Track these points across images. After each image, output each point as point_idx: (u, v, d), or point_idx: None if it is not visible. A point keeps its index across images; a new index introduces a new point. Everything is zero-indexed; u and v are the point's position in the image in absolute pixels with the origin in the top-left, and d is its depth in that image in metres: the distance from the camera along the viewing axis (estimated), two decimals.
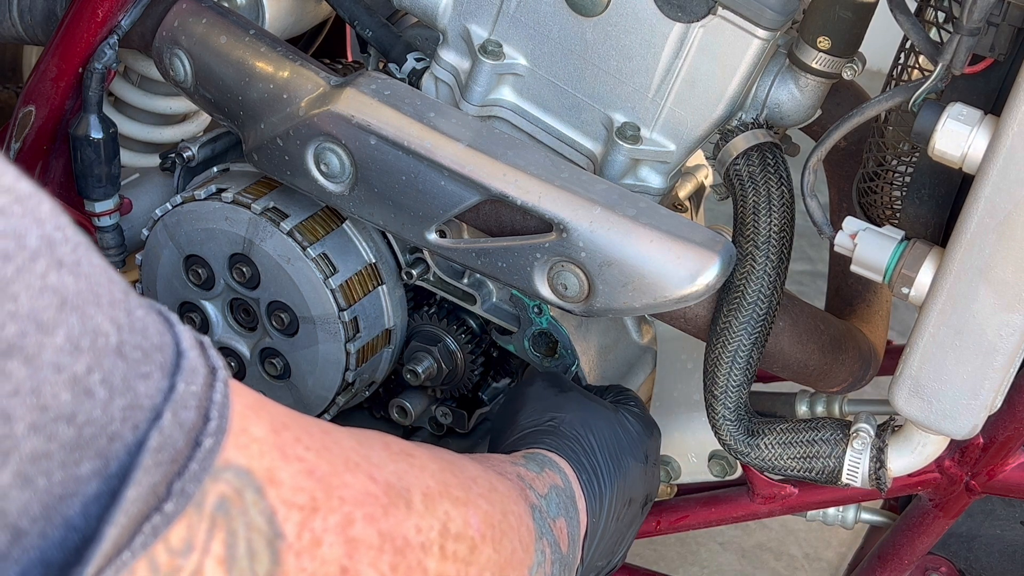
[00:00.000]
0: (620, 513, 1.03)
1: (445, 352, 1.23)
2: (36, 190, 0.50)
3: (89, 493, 0.51)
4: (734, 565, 1.94)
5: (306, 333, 1.18)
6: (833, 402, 1.18)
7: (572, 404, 1.06)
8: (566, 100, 1.10)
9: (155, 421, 0.53)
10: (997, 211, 0.90)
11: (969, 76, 0.94)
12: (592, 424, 1.04)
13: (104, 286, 0.52)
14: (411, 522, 0.69)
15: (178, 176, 1.27)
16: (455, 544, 0.73)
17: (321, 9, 1.31)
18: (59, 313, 0.49)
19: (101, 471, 0.52)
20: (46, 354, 0.49)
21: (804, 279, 2.47)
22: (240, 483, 0.58)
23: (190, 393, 0.55)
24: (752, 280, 1.03)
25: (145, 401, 0.53)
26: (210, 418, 0.56)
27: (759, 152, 1.06)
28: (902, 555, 1.22)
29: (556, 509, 0.93)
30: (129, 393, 0.53)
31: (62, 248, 0.50)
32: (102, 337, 0.51)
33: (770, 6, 1.00)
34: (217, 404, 0.56)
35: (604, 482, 1.01)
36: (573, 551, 0.95)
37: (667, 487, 1.25)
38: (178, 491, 0.55)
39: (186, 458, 0.55)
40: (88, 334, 0.51)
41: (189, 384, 0.55)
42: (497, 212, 1.06)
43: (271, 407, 0.63)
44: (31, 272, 0.48)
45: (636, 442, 1.06)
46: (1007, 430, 1.11)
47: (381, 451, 0.71)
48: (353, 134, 1.07)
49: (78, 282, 0.51)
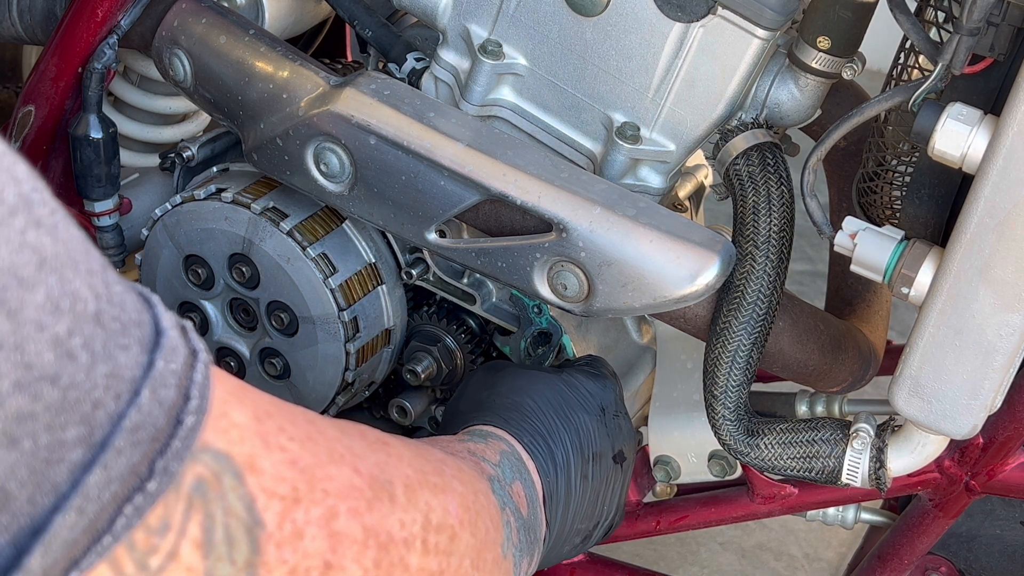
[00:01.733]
0: (585, 470, 1.02)
1: (445, 352, 1.23)
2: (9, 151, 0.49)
3: (75, 460, 0.50)
4: (734, 565, 1.94)
5: (306, 333, 1.18)
6: (833, 402, 1.18)
7: (506, 377, 1.06)
8: (566, 100, 1.10)
9: (133, 399, 0.52)
10: (997, 211, 0.90)
11: (969, 76, 0.94)
12: (528, 389, 1.03)
13: (81, 253, 0.51)
14: (395, 516, 0.69)
15: (178, 176, 1.27)
16: (436, 536, 0.73)
17: (321, 9, 1.31)
18: (38, 272, 0.48)
19: (86, 438, 0.51)
20: (28, 311, 0.48)
21: (804, 279, 2.47)
22: (219, 467, 0.57)
23: (169, 371, 0.54)
24: (752, 280, 1.03)
25: (125, 372, 0.52)
26: (190, 397, 0.55)
27: (759, 152, 1.06)
28: (902, 555, 1.22)
29: (511, 474, 0.93)
30: (110, 361, 0.51)
31: (40, 209, 0.49)
32: (81, 302, 0.50)
33: (770, 6, 1.00)
34: (198, 384, 0.55)
35: (552, 440, 1.00)
36: (533, 513, 0.95)
37: (667, 487, 1.25)
38: (161, 469, 0.53)
39: (167, 436, 0.54)
40: (67, 296, 0.50)
41: (169, 362, 0.54)
42: (497, 212, 1.06)
43: (254, 395, 0.62)
44: (9, 227, 0.47)
45: (586, 397, 1.06)
46: (1007, 430, 1.11)
47: (360, 441, 0.71)
48: (353, 134, 1.07)
49: (56, 244, 0.49)
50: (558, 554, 1.03)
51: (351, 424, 0.73)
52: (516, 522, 0.90)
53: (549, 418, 1.01)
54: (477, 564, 0.78)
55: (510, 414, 1.01)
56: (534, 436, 1.00)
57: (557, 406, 1.03)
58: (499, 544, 0.84)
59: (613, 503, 1.07)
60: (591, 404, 1.05)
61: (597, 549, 1.32)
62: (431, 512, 0.73)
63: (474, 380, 1.08)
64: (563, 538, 1.02)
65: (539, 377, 1.06)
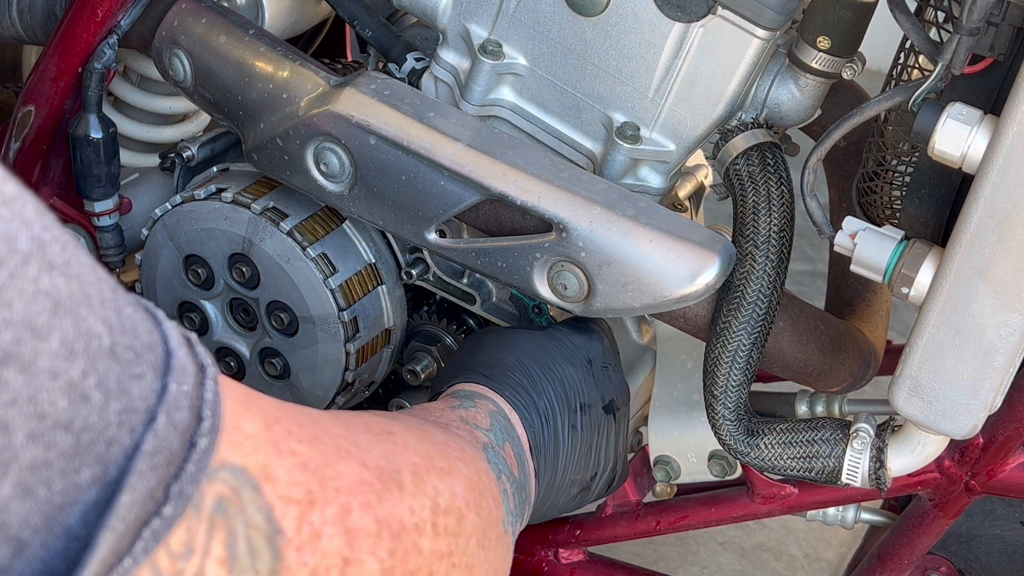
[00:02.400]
0: (573, 420, 1.03)
1: (445, 352, 1.23)
2: (21, 191, 0.49)
3: (89, 500, 0.51)
4: (734, 565, 1.94)
5: (306, 333, 1.18)
6: (833, 402, 1.18)
7: (490, 337, 1.07)
8: (566, 100, 1.10)
9: (150, 424, 0.53)
10: (997, 211, 0.90)
11: (969, 76, 0.94)
12: (510, 345, 1.05)
13: (94, 285, 0.52)
14: (404, 504, 0.70)
15: (178, 176, 1.27)
16: (445, 519, 0.74)
17: (321, 9, 1.31)
18: (53, 317, 0.49)
19: (100, 477, 0.51)
20: (42, 360, 0.49)
21: (804, 279, 2.47)
22: (236, 482, 0.58)
23: (182, 393, 0.55)
24: (752, 280, 1.03)
25: (139, 403, 0.53)
26: (203, 417, 0.56)
27: (759, 152, 1.06)
28: (902, 555, 1.22)
29: (501, 436, 0.95)
30: (124, 396, 0.52)
31: (52, 249, 0.50)
32: (95, 339, 0.51)
33: (770, 6, 1.00)
34: (209, 403, 0.56)
35: (535, 392, 1.01)
36: (523, 470, 0.96)
37: (667, 487, 1.25)
38: (176, 493, 0.54)
39: (182, 459, 0.55)
40: (82, 337, 0.50)
41: (181, 384, 0.55)
42: (497, 212, 1.06)
43: (260, 401, 0.63)
44: (24, 277, 0.48)
45: (571, 349, 1.06)
46: (1007, 430, 1.11)
47: (365, 434, 0.72)
48: (353, 134, 1.07)
49: (70, 284, 0.50)
50: (553, 505, 1.04)
51: (354, 416, 0.74)
52: (511, 487, 0.91)
53: (532, 371, 1.02)
54: (482, 543, 0.80)
55: (492, 370, 1.02)
56: (516, 389, 1.01)
57: (540, 359, 1.04)
58: (500, 521, 0.86)
59: (610, 453, 1.08)
60: (576, 356, 1.06)
61: (597, 549, 1.32)
62: (439, 496, 0.74)
63: (463, 345, 1.10)
64: (556, 489, 1.03)
65: (522, 334, 1.07)
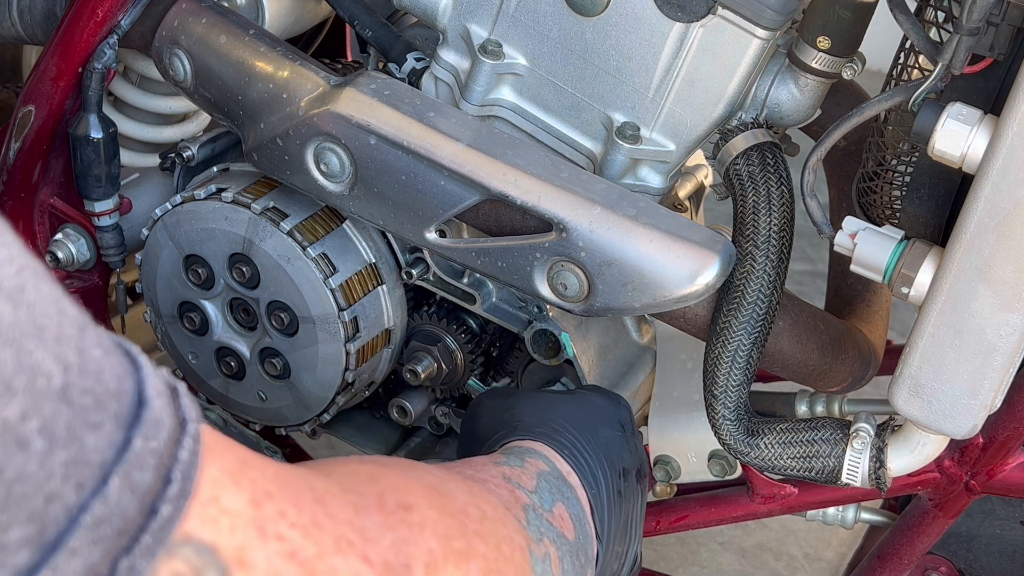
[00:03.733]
0: (618, 486, 0.97)
1: (445, 352, 1.23)
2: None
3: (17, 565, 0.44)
4: (734, 565, 1.94)
5: (306, 333, 1.18)
6: (833, 402, 1.18)
7: (524, 398, 1.02)
8: (566, 100, 1.10)
9: (101, 484, 0.46)
10: (997, 211, 0.90)
11: (969, 76, 0.94)
12: (553, 406, 1.00)
13: (51, 318, 0.46)
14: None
15: (178, 176, 1.27)
16: None
17: (321, 9, 1.31)
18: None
19: (34, 538, 0.44)
20: None
21: (804, 279, 2.47)
22: (200, 561, 0.50)
23: (148, 450, 0.48)
24: (752, 280, 1.04)
25: (93, 456, 0.46)
26: (171, 480, 0.48)
27: (759, 152, 1.06)
28: (902, 555, 1.22)
29: (550, 497, 0.88)
30: (73, 444, 0.45)
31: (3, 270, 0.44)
32: (42, 377, 0.45)
33: (770, 6, 1.00)
34: (182, 464, 0.49)
35: (587, 454, 0.96)
36: (582, 531, 0.90)
37: (667, 487, 1.25)
38: (125, 569, 0.47)
39: (137, 528, 0.47)
40: (24, 372, 0.44)
41: (148, 440, 0.48)
42: (497, 212, 1.06)
43: (257, 471, 0.55)
44: None
45: (605, 412, 1.02)
46: (1007, 430, 1.11)
47: (377, 515, 0.63)
48: (353, 134, 1.07)
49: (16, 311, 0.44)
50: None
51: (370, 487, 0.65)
52: (559, 550, 0.84)
53: (579, 434, 0.97)
54: None
55: (544, 428, 0.96)
56: (571, 450, 0.95)
57: (582, 422, 0.98)
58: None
59: (640, 527, 1.02)
60: (611, 420, 1.02)
61: None
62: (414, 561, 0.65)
63: (485, 406, 1.03)
64: (606, 560, 0.96)
65: (558, 397, 1.02)
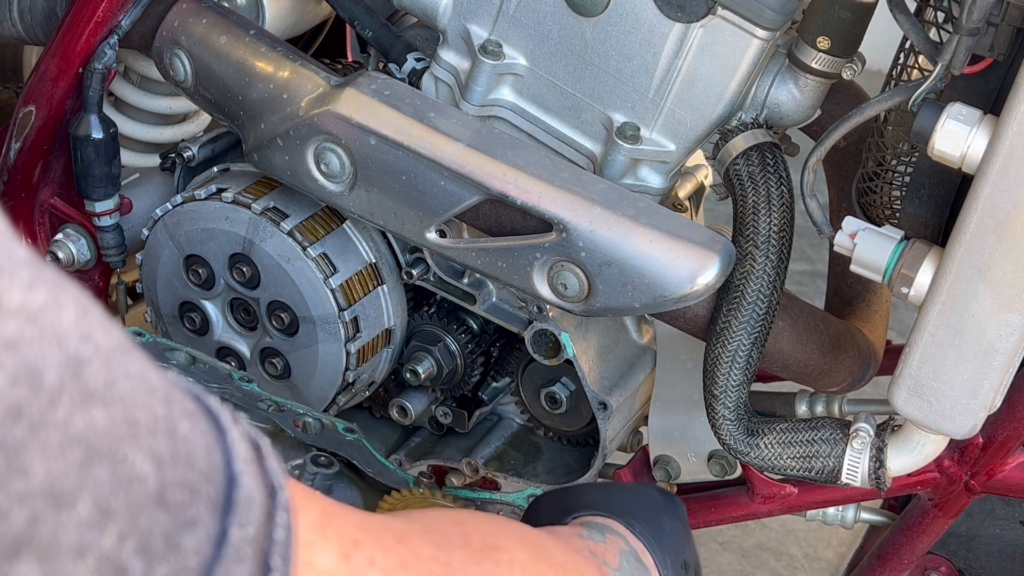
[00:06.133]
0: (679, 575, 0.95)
1: (445, 352, 1.23)
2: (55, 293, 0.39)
3: None
4: (734, 565, 1.94)
5: (306, 333, 1.18)
6: (833, 402, 1.18)
7: (588, 486, 1.00)
8: (566, 100, 1.10)
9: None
10: (996, 211, 0.90)
11: (968, 76, 0.94)
12: (617, 492, 0.98)
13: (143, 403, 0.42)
14: None
15: (178, 176, 1.27)
16: None
17: (321, 9, 1.31)
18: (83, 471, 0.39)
19: None
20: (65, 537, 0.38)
21: (804, 279, 2.47)
22: None
23: (246, 539, 0.44)
24: (752, 280, 1.04)
25: (191, 560, 0.42)
26: (271, 568, 0.45)
27: (759, 152, 1.06)
28: (902, 555, 1.22)
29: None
30: (172, 555, 0.42)
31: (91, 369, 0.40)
32: (137, 485, 0.41)
33: (770, 6, 1.00)
34: (279, 545, 0.45)
35: (657, 542, 0.94)
36: None
37: (667, 487, 1.25)
38: None
39: None
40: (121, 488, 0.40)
41: (244, 526, 0.44)
42: (497, 212, 1.06)
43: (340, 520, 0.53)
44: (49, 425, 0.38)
45: (666, 505, 0.99)
46: (1006, 430, 1.11)
47: (462, 552, 0.61)
48: (353, 134, 1.07)
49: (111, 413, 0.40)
50: None
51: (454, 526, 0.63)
52: None
53: (648, 521, 0.95)
54: None
55: (614, 508, 0.94)
56: (643, 531, 0.93)
57: (649, 511, 0.96)
58: None
59: None
60: (672, 512, 0.99)
61: None
62: None
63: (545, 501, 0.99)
64: None
65: (621, 487, 1.00)
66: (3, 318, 0.37)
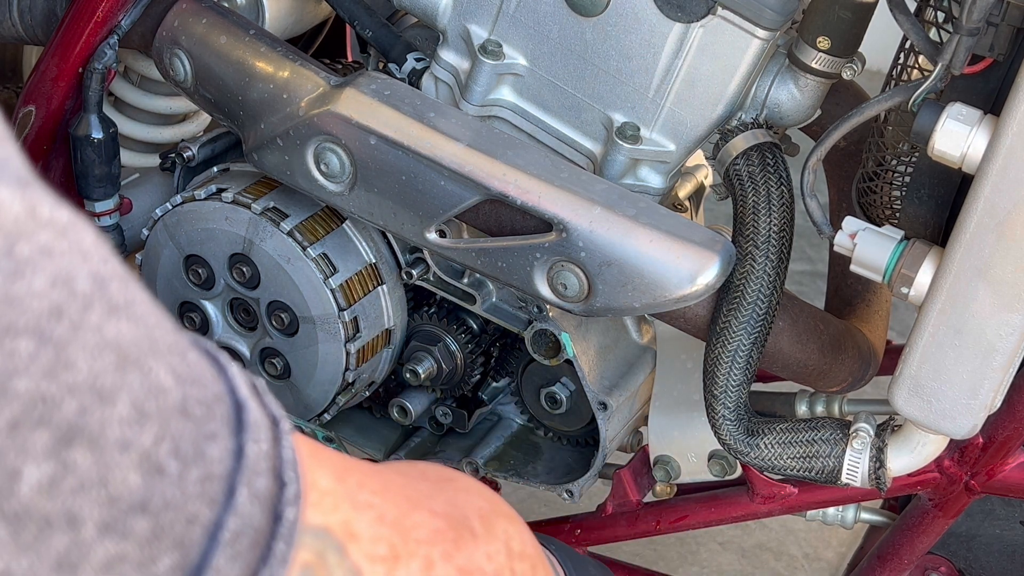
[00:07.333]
0: None
1: (445, 352, 1.23)
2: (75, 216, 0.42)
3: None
4: (734, 565, 1.94)
5: (306, 333, 1.18)
6: (833, 402, 1.18)
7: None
8: (566, 100, 1.10)
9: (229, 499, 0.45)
10: (997, 211, 0.90)
11: (969, 76, 0.94)
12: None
13: (159, 327, 0.44)
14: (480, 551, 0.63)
15: (178, 176, 1.27)
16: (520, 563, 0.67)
17: (321, 9, 1.31)
18: (119, 374, 0.42)
19: (180, 564, 0.43)
20: (111, 430, 0.41)
21: (804, 279, 2.47)
22: (321, 545, 0.51)
23: (261, 455, 0.47)
24: (752, 280, 1.04)
25: (217, 468, 0.45)
26: (286, 482, 0.47)
27: (759, 152, 1.06)
28: (902, 555, 1.22)
29: None
30: (201, 461, 0.44)
31: (113, 286, 0.42)
32: (164, 395, 0.43)
33: (770, 6, 1.00)
34: (289, 463, 0.48)
35: None
36: None
37: (667, 487, 1.25)
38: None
39: (268, 537, 0.46)
40: (152, 394, 0.43)
41: (258, 443, 0.47)
42: (497, 212, 1.06)
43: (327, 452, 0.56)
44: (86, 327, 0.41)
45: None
46: (1006, 430, 1.11)
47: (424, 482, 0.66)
48: (353, 134, 1.07)
49: (135, 328, 0.43)
50: None
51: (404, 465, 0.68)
52: None
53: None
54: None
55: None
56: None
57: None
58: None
59: None
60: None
61: (597, 549, 1.32)
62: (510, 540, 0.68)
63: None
64: None
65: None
66: (38, 227, 0.40)
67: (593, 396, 1.17)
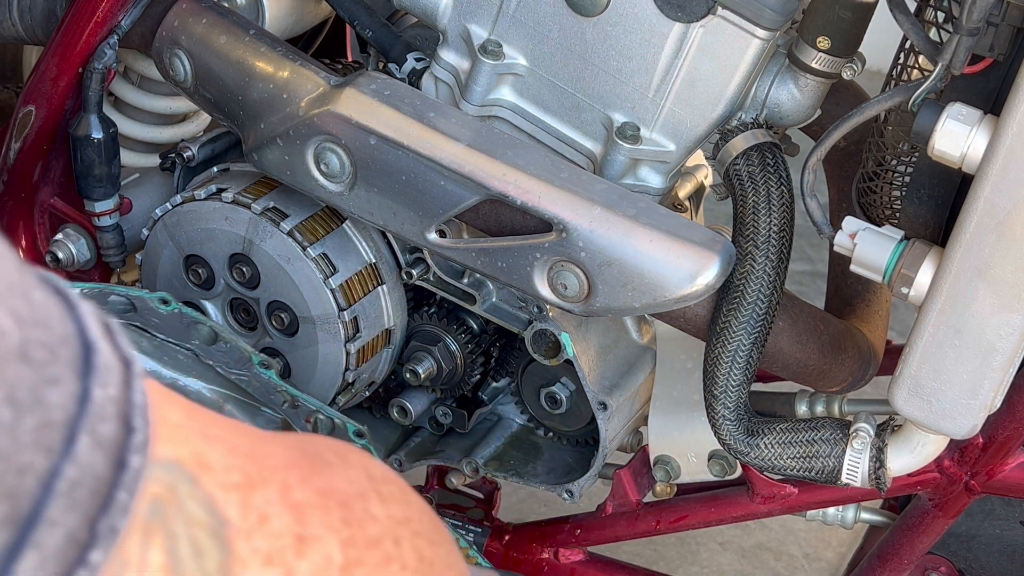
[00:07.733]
0: None
1: (445, 352, 1.23)
2: None
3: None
4: (734, 565, 1.94)
5: (306, 333, 1.18)
6: (833, 402, 1.18)
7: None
8: (566, 100, 1.10)
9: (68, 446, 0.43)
10: (996, 211, 0.90)
11: (969, 76, 0.94)
12: None
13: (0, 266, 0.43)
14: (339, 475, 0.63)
15: (178, 176, 1.27)
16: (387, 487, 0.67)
17: (321, 9, 1.31)
18: None
19: (11, 516, 0.42)
20: None
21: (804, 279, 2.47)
22: (171, 477, 0.50)
23: (108, 399, 0.45)
24: (752, 280, 1.04)
25: (57, 415, 0.43)
26: (134, 428, 0.46)
27: (759, 152, 1.06)
28: (902, 555, 1.22)
29: None
30: (39, 408, 0.43)
31: None
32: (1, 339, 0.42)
33: (770, 6, 1.00)
34: (139, 408, 0.47)
35: None
36: None
37: (667, 487, 1.25)
38: (105, 531, 0.44)
39: (110, 485, 0.45)
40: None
41: (106, 387, 0.45)
42: (497, 212, 1.06)
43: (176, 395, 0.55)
44: None
45: None
46: (1006, 430, 1.11)
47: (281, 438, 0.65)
48: (353, 134, 1.07)
49: None
50: None
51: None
52: None
53: None
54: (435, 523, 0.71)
55: None
56: None
57: None
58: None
59: None
60: None
61: (597, 549, 1.33)
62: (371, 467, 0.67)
63: None
64: None
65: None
66: None
67: (593, 396, 1.17)
